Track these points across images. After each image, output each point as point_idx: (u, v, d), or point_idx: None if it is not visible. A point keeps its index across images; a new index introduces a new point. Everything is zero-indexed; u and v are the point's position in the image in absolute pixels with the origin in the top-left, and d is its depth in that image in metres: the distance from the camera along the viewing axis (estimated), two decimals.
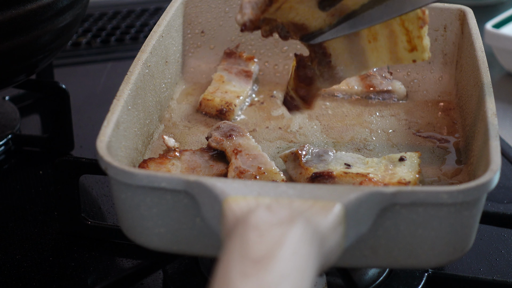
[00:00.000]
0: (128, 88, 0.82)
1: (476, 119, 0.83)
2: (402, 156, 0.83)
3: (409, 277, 0.84)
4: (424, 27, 0.78)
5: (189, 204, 0.69)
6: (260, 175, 0.81)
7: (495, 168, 0.69)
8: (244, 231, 0.60)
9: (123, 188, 0.70)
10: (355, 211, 0.66)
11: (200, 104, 0.97)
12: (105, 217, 0.97)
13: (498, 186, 0.73)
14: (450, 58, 1.01)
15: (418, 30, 0.78)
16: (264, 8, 0.75)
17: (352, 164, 0.83)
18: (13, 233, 0.94)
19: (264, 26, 0.80)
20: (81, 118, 1.17)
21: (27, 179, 1.04)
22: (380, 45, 0.80)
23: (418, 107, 0.98)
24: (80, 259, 0.90)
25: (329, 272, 0.81)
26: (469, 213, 0.69)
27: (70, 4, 0.98)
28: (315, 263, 0.60)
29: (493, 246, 0.92)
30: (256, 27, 0.77)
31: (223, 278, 0.56)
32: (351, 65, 0.82)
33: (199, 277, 0.84)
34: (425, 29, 0.78)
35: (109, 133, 0.75)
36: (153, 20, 1.50)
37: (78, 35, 1.44)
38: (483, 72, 0.85)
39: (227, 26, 1.05)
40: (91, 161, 0.89)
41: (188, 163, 0.83)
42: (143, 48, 0.89)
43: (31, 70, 1.01)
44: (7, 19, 0.90)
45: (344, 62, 0.82)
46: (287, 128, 0.94)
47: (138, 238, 0.72)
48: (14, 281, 0.87)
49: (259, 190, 0.66)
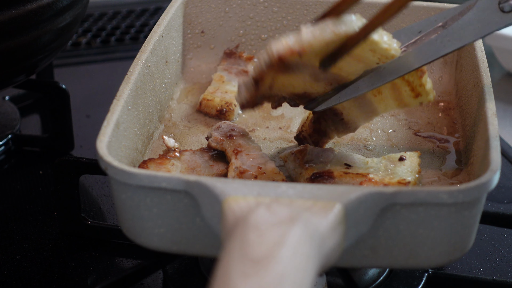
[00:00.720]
0: (128, 88, 0.82)
1: (476, 119, 0.83)
2: (402, 156, 0.83)
3: (409, 277, 0.84)
4: (423, 76, 0.80)
5: (189, 204, 0.69)
6: (260, 175, 0.81)
7: (495, 168, 0.69)
8: (244, 231, 0.60)
9: (123, 188, 0.70)
10: (355, 211, 0.66)
11: (200, 104, 0.97)
12: (105, 217, 0.97)
13: (498, 186, 0.73)
14: (450, 58, 1.01)
15: (419, 80, 0.80)
16: (254, 89, 0.78)
17: (352, 164, 0.83)
18: (13, 233, 0.94)
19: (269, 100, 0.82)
20: (81, 118, 1.17)
21: (27, 179, 1.04)
22: (386, 97, 0.82)
23: (418, 107, 0.98)
24: (80, 259, 0.90)
25: (329, 272, 0.81)
26: (469, 213, 0.69)
27: (70, 4, 0.98)
28: (315, 263, 0.60)
29: (493, 246, 0.92)
30: (255, 104, 0.80)
31: (223, 278, 0.56)
32: (363, 116, 0.85)
33: (199, 277, 0.84)
34: (425, 76, 0.80)
35: (109, 133, 0.75)
36: (153, 20, 1.50)
37: (78, 35, 1.44)
38: (483, 72, 0.85)
39: (227, 26, 1.05)
40: (91, 161, 0.89)
41: (188, 163, 0.83)
42: (143, 48, 0.89)
43: (31, 70, 1.01)
44: (7, 19, 0.90)
45: (355, 115, 0.84)
46: (287, 128, 0.94)
47: (138, 238, 0.72)
48: (14, 281, 0.87)
49: (259, 190, 0.66)
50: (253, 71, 0.77)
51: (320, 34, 0.74)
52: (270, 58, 0.75)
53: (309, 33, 0.74)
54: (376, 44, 0.76)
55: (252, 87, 0.78)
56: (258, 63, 0.76)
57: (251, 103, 0.80)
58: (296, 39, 0.74)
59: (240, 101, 0.80)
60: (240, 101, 0.80)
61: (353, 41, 0.74)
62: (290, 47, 0.74)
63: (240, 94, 0.79)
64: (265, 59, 0.75)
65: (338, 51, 0.75)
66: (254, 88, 0.78)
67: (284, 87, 0.80)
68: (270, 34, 1.05)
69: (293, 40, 0.74)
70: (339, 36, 0.74)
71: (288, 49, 0.74)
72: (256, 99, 0.80)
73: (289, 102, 0.83)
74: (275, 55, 0.74)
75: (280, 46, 0.74)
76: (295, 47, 0.74)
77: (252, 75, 0.77)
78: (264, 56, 0.75)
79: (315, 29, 0.74)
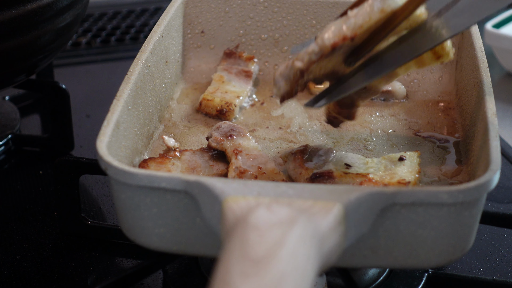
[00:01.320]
0: (128, 88, 0.82)
1: (476, 119, 0.83)
2: (401, 156, 0.83)
3: (409, 277, 0.84)
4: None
5: (189, 204, 0.69)
6: (260, 175, 0.81)
7: (495, 168, 0.69)
8: (244, 231, 0.60)
9: (123, 188, 0.70)
10: (355, 211, 0.66)
11: (200, 104, 0.97)
12: (105, 217, 0.97)
13: (498, 186, 0.73)
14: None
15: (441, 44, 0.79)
16: (297, 80, 0.78)
17: (352, 164, 0.83)
18: (13, 233, 0.94)
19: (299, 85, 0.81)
20: (81, 118, 1.17)
21: (27, 179, 1.04)
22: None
23: (418, 107, 0.98)
24: (80, 259, 0.90)
25: (329, 272, 0.81)
26: (469, 213, 0.69)
27: (70, 4, 0.98)
28: (315, 263, 0.60)
29: (493, 246, 0.92)
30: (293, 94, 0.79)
31: (223, 278, 0.56)
32: (384, 80, 0.84)
33: (199, 277, 0.84)
34: None
35: (109, 133, 0.75)
36: (153, 20, 1.50)
37: (78, 35, 1.44)
38: (483, 72, 0.85)
39: (227, 26, 1.05)
40: (91, 161, 0.89)
41: (188, 163, 0.83)
42: (143, 48, 0.89)
43: (31, 70, 1.01)
44: (7, 19, 0.90)
45: (377, 81, 0.84)
46: (287, 128, 0.94)
47: (138, 238, 0.72)
48: (14, 281, 0.87)
49: (259, 190, 0.66)
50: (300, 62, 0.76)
51: (368, 15, 0.75)
52: (322, 48, 0.75)
53: (358, 16, 0.75)
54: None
55: (295, 78, 0.77)
56: (306, 55, 0.76)
57: (290, 96, 0.79)
58: (347, 24, 0.74)
59: (279, 94, 0.79)
60: (279, 94, 0.79)
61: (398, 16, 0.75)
62: (343, 34, 0.74)
63: (278, 87, 0.78)
64: (314, 50, 0.75)
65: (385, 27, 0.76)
66: (297, 79, 0.77)
67: (317, 69, 0.79)
68: (270, 34, 1.05)
69: (345, 27, 0.74)
70: (386, 13, 0.75)
71: (341, 36, 0.75)
72: (294, 89, 0.79)
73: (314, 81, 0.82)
74: (327, 44, 0.75)
75: (332, 34, 0.75)
76: (347, 33, 0.75)
77: (299, 67, 0.76)
78: (313, 47, 0.75)
79: (362, 11, 0.75)
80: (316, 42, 0.75)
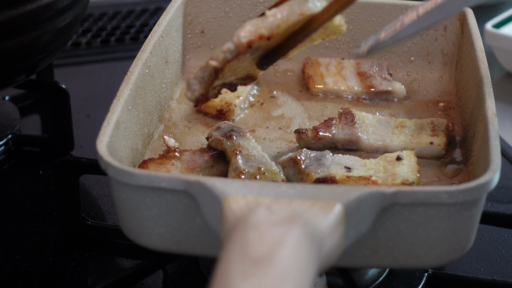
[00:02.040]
0: (128, 88, 0.82)
1: (476, 119, 0.83)
2: (398, 155, 0.83)
3: (409, 277, 0.84)
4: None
5: (189, 204, 0.69)
6: (260, 175, 0.81)
7: (495, 168, 0.69)
8: (244, 231, 0.60)
9: (123, 188, 0.70)
10: (355, 211, 0.66)
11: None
12: (105, 217, 0.97)
13: (498, 186, 0.73)
14: (450, 58, 1.01)
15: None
16: (211, 81, 0.77)
17: (351, 166, 0.82)
18: (13, 233, 0.94)
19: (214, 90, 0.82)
20: (81, 118, 1.17)
21: (27, 179, 1.04)
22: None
23: (418, 107, 0.98)
24: (80, 259, 0.90)
25: (329, 272, 0.81)
26: (469, 213, 0.69)
27: (70, 4, 0.98)
28: (315, 263, 0.60)
29: (493, 246, 0.92)
30: (208, 97, 0.79)
31: (223, 278, 0.56)
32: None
33: (199, 277, 0.84)
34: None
35: (109, 133, 0.75)
36: (153, 20, 1.50)
37: (78, 35, 1.44)
38: (483, 72, 0.85)
39: (227, 26, 1.05)
40: (91, 161, 0.89)
41: (188, 163, 0.83)
42: (143, 48, 0.89)
43: (31, 70, 1.01)
44: (7, 19, 0.90)
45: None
46: (287, 128, 0.94)
47: (138, 238, 0.72)
48: (14, 281, 0.87)
49: (259, 190, 0.66)
50: (215, 61, 0.76)
51: (286, 16, 0.74)
52: (238, 47, 0.74)
53: (276, 15, 0.74)
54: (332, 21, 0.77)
55: (209, 79, 0.77)
56: (221, 53, 0.75)
57: (205, 98, 0.79)
58: (264, 24, 0.74)
59: (193, 97, 0.79)
60: (193, 97, 0.79)
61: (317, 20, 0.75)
62: (259, 33, 0.74)
63: (192, 90, 0.78)
64: (230, 48, 0.75)
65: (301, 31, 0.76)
66: (211, 80, 0.77)
67: (231, 72, 0.79)
68: None
69: (261, 25, 0.74)
70: (304, 16, 0.75)
71: (258, 35, 0.74)
72: (209, 92, 0.79)
73: (229, 87, 0.82)
74: (243, 42, 0.74)
75: (248, 33, 0.74)
76: (264, 32, 0.74)
77: (214, 65, 0.76)
78: (229, 45, 0.75)
79: (281, 11, 0.74)
80: (232, 40, 0.75)
